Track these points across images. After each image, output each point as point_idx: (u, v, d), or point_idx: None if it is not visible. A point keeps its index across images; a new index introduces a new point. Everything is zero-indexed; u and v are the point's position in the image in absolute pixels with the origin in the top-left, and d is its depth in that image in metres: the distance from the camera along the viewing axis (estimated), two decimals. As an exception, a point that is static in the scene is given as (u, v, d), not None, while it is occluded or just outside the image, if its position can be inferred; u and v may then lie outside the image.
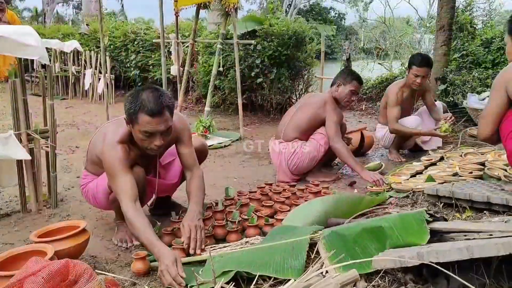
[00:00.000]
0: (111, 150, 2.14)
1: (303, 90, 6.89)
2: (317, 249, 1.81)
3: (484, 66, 6.40)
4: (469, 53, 6.69)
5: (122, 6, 23.01)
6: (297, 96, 6.66)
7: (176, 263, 1.80)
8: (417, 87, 3.85)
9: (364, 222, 1.83)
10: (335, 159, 3.82)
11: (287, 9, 29.16)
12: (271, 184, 3.09)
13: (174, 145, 2.51)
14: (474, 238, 1.66)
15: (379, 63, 11.75)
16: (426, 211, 1.74)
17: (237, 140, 4.99)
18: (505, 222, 1.99)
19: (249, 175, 3.71)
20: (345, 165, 3.61)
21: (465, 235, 1.75)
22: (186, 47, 6.35)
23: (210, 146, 4.62)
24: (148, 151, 2.19)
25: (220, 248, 2.03)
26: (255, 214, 2.45)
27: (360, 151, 4.14)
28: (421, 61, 3.76)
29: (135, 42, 8.19)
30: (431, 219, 1.61)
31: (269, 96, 6.27)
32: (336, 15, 34.26)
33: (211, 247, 2.01)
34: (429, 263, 1.25)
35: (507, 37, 2.46)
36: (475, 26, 7.38)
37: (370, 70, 11.16)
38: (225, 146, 4.73)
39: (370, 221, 1.82)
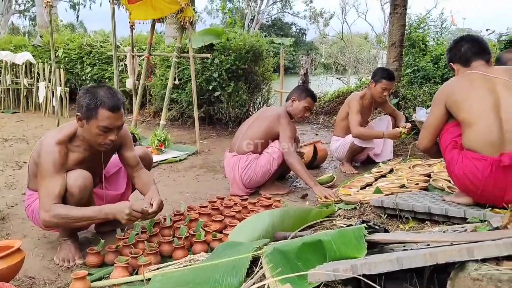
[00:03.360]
0: (48, 151, 2.17)
1: (262, 103, 6.95)
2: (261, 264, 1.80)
3: (433, 81, 6.68)
4: (420, 69, 6.97)
5: (77, 17, 22.51)
6: (256, 110, 6.69)
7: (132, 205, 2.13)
8: (382, 100, 4.09)
9: (305, 237, 1.83)
10: (289, 172, 3.84)
11: (250, 23, 29.53)
12: (223, 198, 3.06)
13: (116, 156, 2.56)
14: (411, 249, 1.70)
15: (337, 78, 12.05)
16: (367, 223, 1.77)
17: (193, 154, 4.94)
18: (444, 232, 2.05)
19: (203, 189, 3.67)
20: (298, 178, 3.65)
21: (404, 246, 1.79)
22: (142, 60, 6.27)
23: (164, 160, 4.56)
24: (100, 147, 2.26)
25: (162, 267, 1.98)
26: (203, 229, 2.42)
27: (313, 164, 4.19)
28: (391, 75, 4.00)
29: (91, 55, 8.02)
30: (367, 233, 1.63)
31: (227, 110, 6.28)
32: (298, 30, 34.96)
33: (153, 269, 1.95)
34: (359, 276, 1.26)
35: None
36: (426, 43, 7.69)
37: (329, 85, 11.41)
38: (180, 160, 4.66)
39: (311, 236, 1.83)
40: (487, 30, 6.13)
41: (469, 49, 2.43)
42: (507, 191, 2.06)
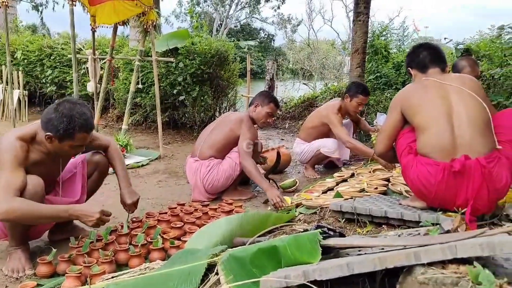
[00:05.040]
0: (9, 144, 2.11)
1: (228, 108, 6.93)
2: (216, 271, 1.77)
3: (395, 87, 6.85)
4: (382, 75, 7.14)
5: (42, 19, 21.83)
6: (222, 114, 6.67)
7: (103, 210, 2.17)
8: (356, 114, 4.15)
9: (260, 243, 1.82)
10: (253, 177, 3.82)
11: (218, 28, 29.51)
12: (183, 204, 3.02)
13: (71, 161, 2.54)
14: (365, 253, 1.71)
15: (304, 83, 12.16)
16: (321, 228, 1.77)
17: (156, 159, 4.86)
18: (399, 235, 2.08)
19: (164, 195, 3.61)
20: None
21: (359, 250, 1.80)
22: (104, 63, 6.14)
23: (127, 165, 4.44)
24: (65, 156, 2.39)
25: (117, 276, 1.92)
26: (161, 237, 2.37)
27: (276, 169, 4.19)
28: (366, 90, 4.01)
29: (52, 57, 7.78)
30: (322, 238, 1.64)
31: (192, 114, 6.22)
32: (266, 36, 35.17)
33: (106, 278, 1.89)
34: (308, 283, 1.26)
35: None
36: (389, 50, 7.87)
37: (296, 90, 11.51)
38: (142, 165, 4.57)
39: (267, 241, 1.82)
40: (445, 38, 6.34)
41: (427, 56, 2.49)
42: (457, 195, 2.11)
